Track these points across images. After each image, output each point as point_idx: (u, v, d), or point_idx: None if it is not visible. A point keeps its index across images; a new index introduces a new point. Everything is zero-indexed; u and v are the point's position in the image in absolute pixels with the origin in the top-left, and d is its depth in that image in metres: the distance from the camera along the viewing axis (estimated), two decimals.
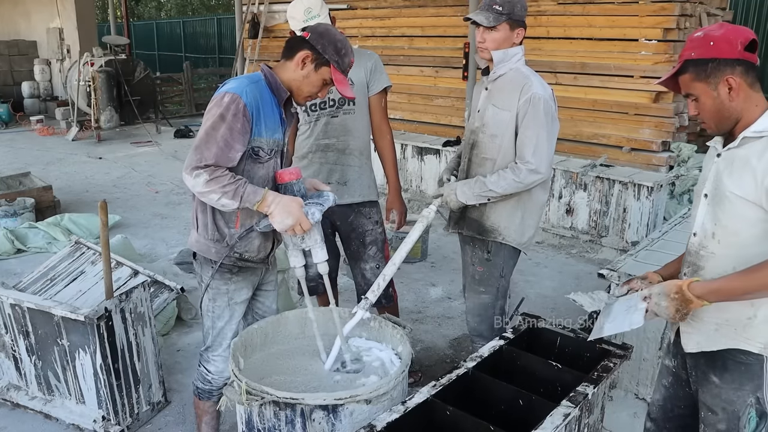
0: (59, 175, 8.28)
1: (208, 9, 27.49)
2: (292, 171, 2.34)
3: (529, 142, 2.66)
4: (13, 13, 14.82)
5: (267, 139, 2.30)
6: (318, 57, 2.29)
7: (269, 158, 2.34)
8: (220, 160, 2.16)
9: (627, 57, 6.23)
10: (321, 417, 2.09)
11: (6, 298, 3.00)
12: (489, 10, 2.70)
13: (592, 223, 5.60)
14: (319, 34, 2.31)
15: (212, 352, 2.56)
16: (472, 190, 2.76)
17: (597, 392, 2.17)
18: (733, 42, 1.78)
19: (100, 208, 2.76)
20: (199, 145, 2.18)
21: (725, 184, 1.85)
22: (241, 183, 2.18)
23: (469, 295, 3.07)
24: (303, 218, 2.20)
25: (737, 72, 1.79)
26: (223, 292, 2.47)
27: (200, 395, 2.65)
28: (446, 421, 2.02)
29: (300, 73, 2.31)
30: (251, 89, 2.24)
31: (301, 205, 2.22)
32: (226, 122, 2.17)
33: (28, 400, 3.18)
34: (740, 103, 1.81)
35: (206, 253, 2.41)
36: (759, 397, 1.89)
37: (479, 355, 2.34)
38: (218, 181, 2.14)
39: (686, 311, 1.85)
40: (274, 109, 2.32)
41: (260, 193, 2.19)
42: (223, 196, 2.15)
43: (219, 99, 2.21)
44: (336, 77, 2.32)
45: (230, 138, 2.18)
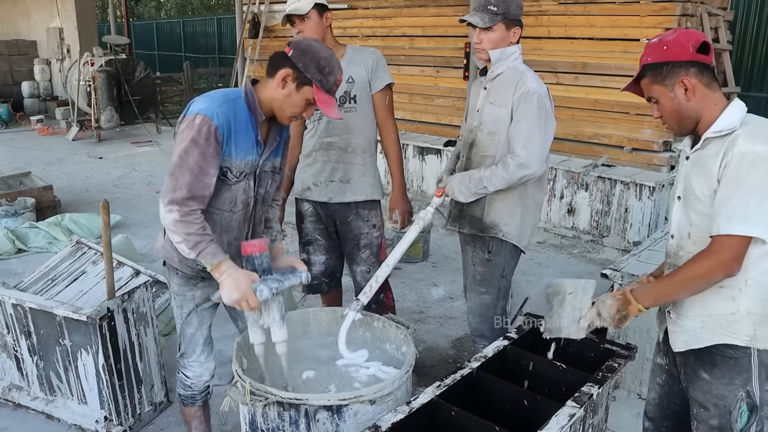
0: (60, 174, 8.27)
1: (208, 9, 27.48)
2: (255, 244, 2.19)
3: (520, 136, 2.66)
4: (13, 12, 14.82)
5: (237, 161, 2.19)
6: (299, 75, 2.14)
7: (237, 180, 2.23)
8: (194, 188, 2.09)
9: (628, 57, 6.23)
10: (325, 417, 2.09)
11: (8, 298, 2.99)
12: (484, 10, 2.69)
13: (594, 223, 5.60)
14: (302, 50, 2.16)
15: (187, 358, 2.52)
16: (469, 189, 2.76)
17: (602, 392, 2.17)
18: (684, 45, 1.87)
19: (102, 207, 2.75)
20: (174, 172, 2.10)
21: (693, 185, 1.90)
22: (206, 240, 2.10)
23: (470, 296, 3.07)
24: (250, 295, 2.07)
25: (691, 73, 1.86)
26: (189, 299, 2.43)
27: (184, 402, 2.62)
28: (451, 421, 2.02)
29: (281, 92, 2.17)
30: (223, 109, 2.12)
31: (252, 281, 2.09)
32: (198, 147, 2.08)
33: (30, 401, 3.18)
34: (698, 102, 1.88)
35: (170, 261, 2.36)
36: (749, 390, 1.91)
37: (483, 355, 2.34)
38: (186, 226, 2.08)
39: (625, 313, 1.99)
40: (250, 130, 2.20)
41: (218, 257, 2.10)
42: (183, 242, 2.10)
43: (191, 120, 2.10)
44: (319, 97, 2.17)
45: (204, 163, 2.09)
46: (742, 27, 7.91)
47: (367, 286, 2.66)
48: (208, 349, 2.55)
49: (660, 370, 2.21)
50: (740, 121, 1.84)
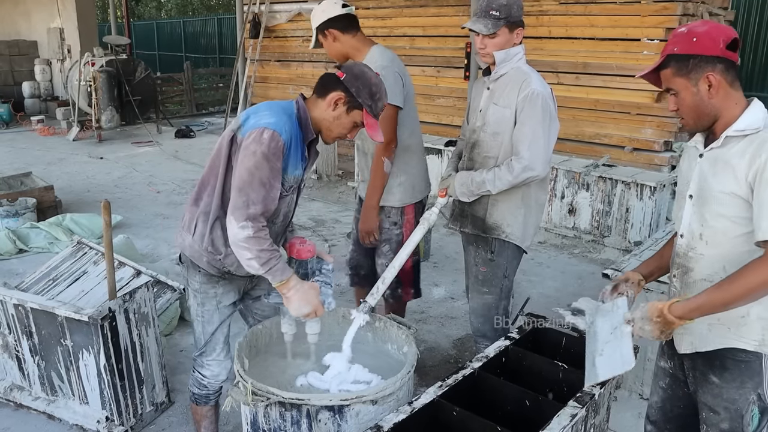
0: (60, 175, 8.27)
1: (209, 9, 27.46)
2: (309, 249, 2.32)
3: (524, 138, 2.66)
4: (13, 13, 14.81)
5: (288, 176, 2.25)
6: (351, 100, 2.22)
7: (286, 194, 2.29)
8: (267, 203, 2.15)
9: (629, 57, 6.23)
10: (327, 418, 2.09)
11: (9, 298, 2.99)
12: (486, 16, 2.68)
13: (595, 223, 5.60)
14: (355, 75, 2.23)
15: (206, 357, 2.53)
16: (471, 191, 2.77)
17: (603, 392, 2.17)
18: (715, 39, 1.79)
19: (103, 208, 2.74)
20: (244, 188, 2.12)
21: (710, 184, 1.85)
22: (276, 256, 2.16)
23: (472, 296, 3.07)
24: (320, 307, 2.22)
25: (718, 69, 1.79)
26: (212, 296, 2.44)
27: (197, 401, 2.63)
28: (453, 421, 2.02)
29: (331, 113, 2.25)
30: (288, 127, 2.18)
31: (318, 293, 2.22)
32: (269, 162, 2.12)
33: (31, 401, 3.17)
34: (719, 101, 1.82)
35: (197, 261, 2.37)
36: (760, 393, 1.88)
37: (485, 355, 2.34)
38: (258, 242, 2.11)
39: (670, 331, 1.85)
40: (299, 146, 2.26)
41: (287, 273, 2.17)
42: (255, 258, 2.12)
43: (258, 135, 2.12)
44: (368, 122, 2.25)
45: (273, 178, 2.15)
46: (743, 27, 7.91)
47: (374, 287, 2.66)
48: (228, 348, 2.57)
49: (663, 373, 2.19)
50: (763, 121, 1.78)
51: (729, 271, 1.81)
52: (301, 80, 9.53)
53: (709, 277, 1.89)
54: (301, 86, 9.46)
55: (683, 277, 1.98)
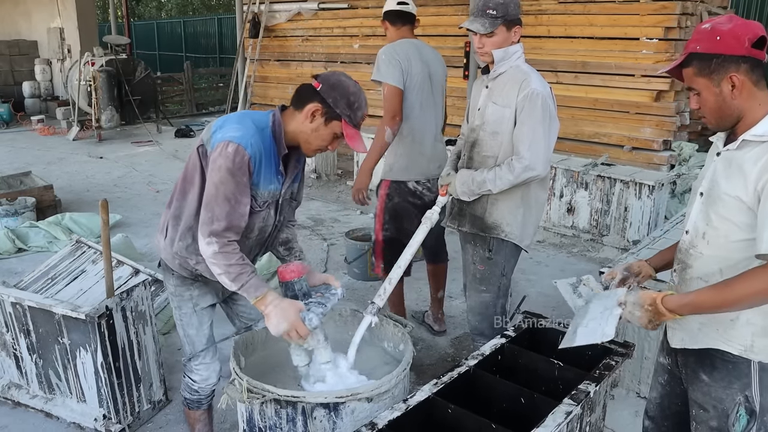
0: (60, 174, 8.28)
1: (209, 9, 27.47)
2: (293, 269, 2.23)
3: (525, 138, 2.66)
4: (13, 13, 14.82)
5: (261, 191, 2.20)
6: (328, 111, 2.14)
7: (260, 210, 2.23)
8: (231, 219, 2.09)
9: (628, 56, 6.23)
10: (322, 415, 2.09)
11: (7, 296, 3.00)
12: (483, 15, 2.68)
13: (594, 222, 5.60)
14: (331, 86, 2.15)
15: (194, 361, 2.52)
16: (471, 190, 2.77)
17: (599, 390, 2.17)
18: (740, 38, 1.71)
19: (101, 207, 2.75)
20: (209, 202, 2.09)
21: (720, 185, 1.82)
22: (248, 272, 2.11)
23: (470, 294, 3.07)
24: (299, 325, 2.10)
25: (742, 69, 1.73)
26: (187, 299, 2.42)
27: (189, 405, 2.62)
28: (448, 418, 2.02)
29: (309, 126, 2.16)
30: (256, 140, 2.11)
31: (299, 310, 2.12)
32: (234, 177, 2.07)
33: (29, 399, 3.18)
34: (743, 102, 1.76)
35: (170, 263, 2.37)
36: (747, 395, 1.87)
37: (481, 353, 2.34)
38: (226, 258, 2.08)
39: (658, 322, 1.85)
40: (272, 159, 2.19)
41: (262, 290, 2.11)
42: (224, 274, 2.10)
43: (223, 148, 2.07)
44: (347, 132, 2.16)
45: (239, 193, 2.09)
46: None
47: (381, 288, 2.64)
48: (213, 350, 2.54)
49: (662, 369, 2.19)
50: None
51: (725, 274, 1.80)
52: (301, 80, 9.45)
53: (705, 276, 1.88)
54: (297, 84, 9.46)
55: (682, 273, 1.98)
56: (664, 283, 2.44)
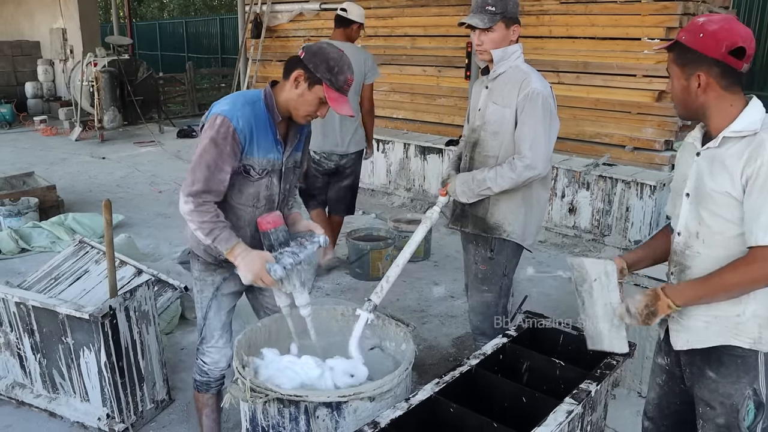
0: (63, 174, 8.29)
1: (211, 9, 27.49)
2: (269, 220, 2.33)
3: (526, 137, 2.67)
4: (16, 13, 14.85)
5: (259, 159, 2.34)
6: (311, 75, 2.27)
7: (260, 177, 2.37)
8: (209, 184, 2.25)
9: (629, 56, 6.23)
10: (325, 414, 2.10)
11: (11, 296, 3.01)
12: (483, 11, 2.69)
13: (595, 222, 5.60)
14: (313, 53, 2.28)
15: (206, 343, 2.61)
16: (472, 190, 2.78)
17: (600, 389, 2.18)
18: (720, 42, 1.77)
19: (104, 207, 2.77)
20: (193, 168, 2.26)
21: (707, 183, 1.85)
22: (220, 226, 2.25)
23: (472, 294, 3.08)
24: (264, 275, 2.21)
25: (713, 72, 1.80)
26: (209, 284, 2.54)
27: (199, 388, 2.70)
28: (450, 417, 2.03)
29: (295, 92, 2.30)
30: (244, 112, 2.27)
31: (264, 261, 2.22)
32: (216, 146, 2.23)
33: (32, 398, 3.19)
34: (709, 101, 1.83)
35: (196, 249, 2.51)
36: (755, 388, 1.90)
37: (483, 352, 2.35)
38: (201, 215, 2.24)
39: (654, 308, 1.93)
40: (268, 128, 2.34)
41: (232, 242, 2.25)
42: (198, 229, 2.26)
43: (212, 121, 2.26)
44: (329, 95, 2.28)
45: (220, 161, 2.24)
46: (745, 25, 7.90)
47: (378, 286, 2.66)
48: (227, 336, 2.63)
49: (660, 370, 2.20)
50: (761, 123, 1.77)
51: None
52: None
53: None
54: None
55: (680, 275, 2.00)
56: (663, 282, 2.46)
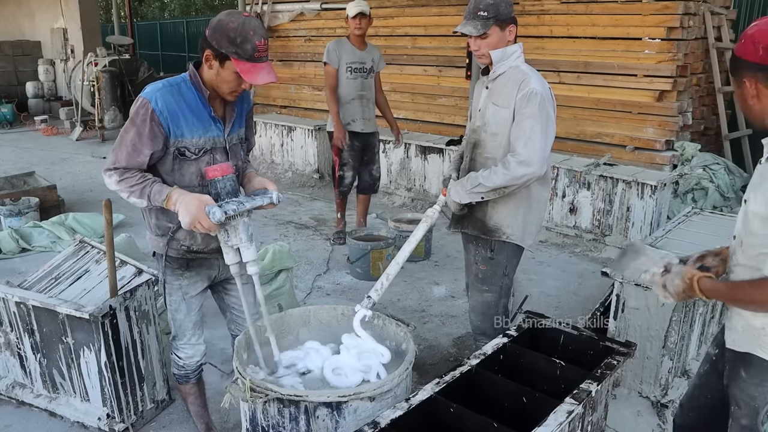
0: (63, 174, 8.30)
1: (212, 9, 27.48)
2: (217, 168, 2.28)
3: (521, 135, 2.66)
4: (17, 13, 14.85)
5: (193, 139, 2.30)
6: (217, 53, 2.19)
7: (197, 157, 2.33)
8: (129, 163, 2.26)
9: (630, 56, 6.23)
10: (325, 414, 2.10)
11: (11, 296, 3.01)
12: (475, 18, 2.69)
13: (596, 222, 5.60)
14: (213, 28, 2.19)
15: (179, 340, 2.67)
16: (464, 188, 2.77)
17: (600, 389, 2.18)
18: (756, 45, 1.68)
19: (104, 207, 2.76)
20: (115, 147, 2.29)
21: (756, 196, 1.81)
22: (149, 183, 2.25)
23: (472, 294, 3.07)
24: (202, 217, 2.16)
25: (759, 77, 1.70)
26: (176, 288, 2.56)
27: (179, 380, 2.79)
28: (450, 418, 2.03)
29: (211, 72, 2.26)
30: (164, 93, 2.25)
31: (203, 203, 2.17)
32: (135, 126, 2.24)
33: (32, 398, 3.19)
34: (764, 108, 1.75)
35: (156, 248, 2.51)
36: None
37: (483, 352, 2.35)
38: (127, 182, 2.25)
39: (690, 295, 1.98)
40: (201, 108, 2.31)
41: (165, 192, 2.23)
42: (131, 194, 2.26)
43: (134, 103, 2.28)
44: (241, 68, 2.17)
45: (138, 142, 2.24)
46: (745, 26, 7.89)
47: (378, 283, 2.70)
48: (198, 333, 2.69)
49: (707, 359, 2.25)
50: None
51: None
52: (303, 80, 9.53)
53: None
54: (303, 86, 9.48)
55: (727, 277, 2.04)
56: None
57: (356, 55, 5.22)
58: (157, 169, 2.32)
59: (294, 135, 8.06)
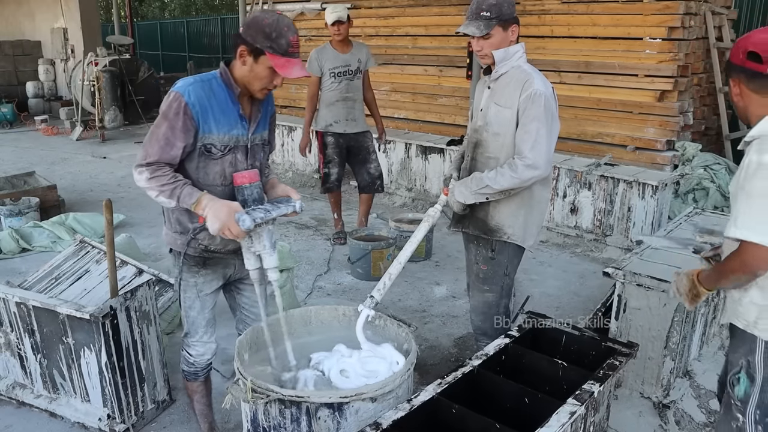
0: (64, 174, 8.29)
1: (212, 9, 27.50)
2: (245, 175, 2.32)
3: (528, 138, 2.65)
4: (17, 13, 14.85)
5: (219, 135, 2.32)
6: (252, 48, 2.23)
7: (223, 155, 2.35)
8: (162, 158, 2.24)
9: (631, 56, 6.22)
10: (326, 415, 2.09)
11: (11, 296, 3.00)
12: (478, 18, 2.68)
13: (597, 222, 5.59)
14: (248, 25, 2.25)
15: (191, 338, 2.66)
16: (469, 189, 2.76)
17: (603, 390, 2.17)
18: (739, 48, 1.93)
19: (104, 206, 2.76)
20: (145, 142, 2.28)
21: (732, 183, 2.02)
22: (180, 184, 2.24)
23: (473, 294, 3.07)
24: (231, 224, 2.18)
25: (741, 78, 1.93)
26: (192, 285, 2.54)
27: (188, 377, 2.77)
28: (452, 419, 2.02)
29: (244, 69, 2.28)
30: (196, 88, 2.27)
31: (233, 210, 2.19)
32: (168, 120, 2.24)
33: (33, 399, 3.19)
34: (747, 105, 1.95)
35: (173, 245, 2.50)
36: (750, 360, 2.06)
37: (485, 353, 2.34)
38: (158, 180, 2.23)
39: (696, 292, 2.15)
40: (230, 105, 2.33)
41: (195, 196, 2.23)
42: (160, 194, 2.25)
43: (166, 97, 2.29)
44: (275, 62, 2.22)
45: (171, 136, 2.24)
46: (746, 25, 7.89)
47: (380, 282, 2.70)
48: (211, 330, 2.67)
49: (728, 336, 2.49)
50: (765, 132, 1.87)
51: None
52: (303, 79, 9.51)
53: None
54: (303, 85, 9.45)
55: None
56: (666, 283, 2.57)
57: (339, 60, 5.24)
58: (184, 166, 2.33)
59: (294, 135, 8.06)
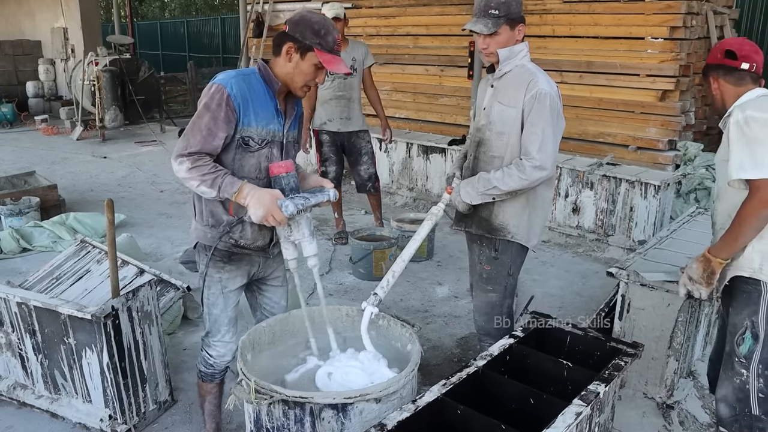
0: (64, 174, 8.28)
1: (212, 9, 27.50)
2: (282, 164, 2.35)
3: (535, 139, 2.64)
4: (17, 13, 14.84)
5: (257, 129, 2.35)
6: (300, 45, 2.30)
7: (260, 148, 2.38)
8: (204, 148, 2.26)
9: (633, 55, 6.21)
10: (330, 416, 2.08)
11: (12, 296, 2.99)
12: (486, 15, 2.66)
13: (599, 222, 5.58)
14: (295, 23, 2.32)
15: (212, 337, 2.62)
16: (476, 189, 2.75)
17: (608, 391, 2.16)
18: (717, 51, 2.44)
19: (106, 206, 2.74)
20: (187, 133, 2.29)
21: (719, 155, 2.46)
22: (221, 174, 2.26)
23: (476, 294, 3.06)
24: (275, 210, 2.22)
25: (720, 74, 2.42)
26: (216, 281, 2.52)
27: (203, 378, 2.72)
28: (457, 419, 2.01)
29: (290, 65, 2.34)
30: (238, 80, 2.30)
31: (275, 197, 2.24)
32: (210, 111, 2.26)
33: (34, 399, 3.17)
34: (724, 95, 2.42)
35: (203, 239, 2.48)
36: (754, 320, 2.25)
37: (489, 353, 2.33)
38: (199, 170, 2.24)
39: (711, 270, 2.30)
40: (268, 100, 2.37)
41: (237, 184, 2.25)
42: (201, 183, 2.25)
43: (207, 89, 2.31)
44: (323, 58, 2.31)
45: (213, 126, 2.26)
46: (748, 25, 7.88)
47: (384, 280, 2.70)
48: (233, 330, 2.64)
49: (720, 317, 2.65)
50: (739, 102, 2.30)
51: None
52: None
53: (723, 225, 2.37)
54: None
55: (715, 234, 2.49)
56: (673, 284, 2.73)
57: None
58: (221, 158, 2.34)
59: None
